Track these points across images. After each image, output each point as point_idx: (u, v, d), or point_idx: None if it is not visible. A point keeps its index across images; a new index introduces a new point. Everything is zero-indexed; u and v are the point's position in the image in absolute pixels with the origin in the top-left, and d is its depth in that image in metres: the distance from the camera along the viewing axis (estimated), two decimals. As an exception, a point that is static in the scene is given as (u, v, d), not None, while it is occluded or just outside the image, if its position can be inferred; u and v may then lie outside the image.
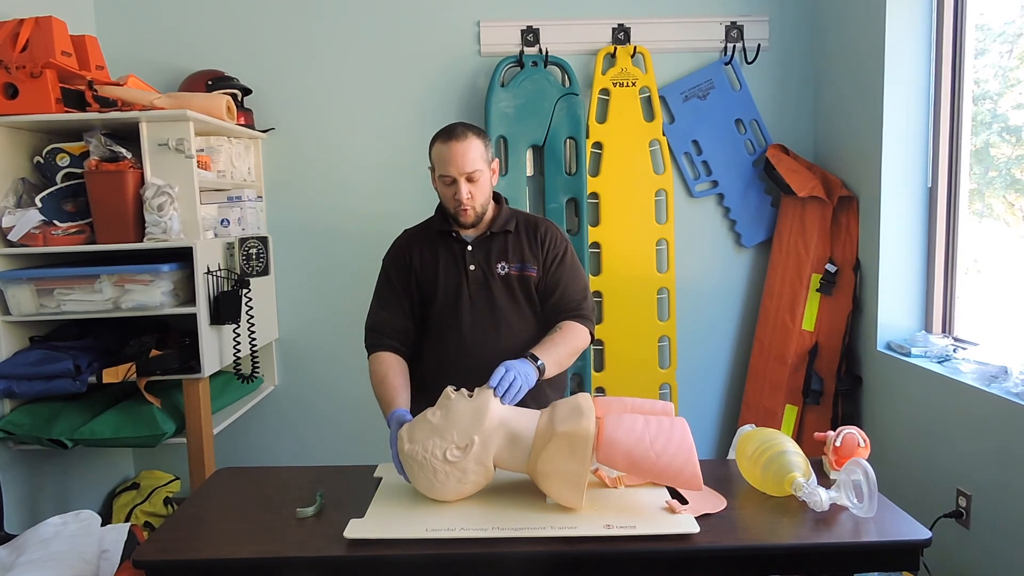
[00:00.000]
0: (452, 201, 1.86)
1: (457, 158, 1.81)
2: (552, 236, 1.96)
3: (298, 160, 2.92)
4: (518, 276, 1.91)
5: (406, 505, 1.50)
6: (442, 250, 1.93)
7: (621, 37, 2.86)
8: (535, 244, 1.94)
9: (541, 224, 1.98)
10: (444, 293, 1.90)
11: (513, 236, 1.94)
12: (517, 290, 1.91)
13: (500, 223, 1.93)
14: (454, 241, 1.93)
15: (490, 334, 1.88)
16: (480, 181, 1.84)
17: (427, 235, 1.98)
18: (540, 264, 1.92)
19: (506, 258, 1.91)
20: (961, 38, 2.38)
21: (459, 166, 1.81)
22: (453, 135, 1.83)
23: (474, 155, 1.82)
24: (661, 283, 2.91)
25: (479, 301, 1.89)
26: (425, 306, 1.94)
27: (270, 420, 3.01)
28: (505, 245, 1.92)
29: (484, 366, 1.73)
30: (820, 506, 1.43)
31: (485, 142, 1.88)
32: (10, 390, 2.15)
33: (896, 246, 2.53)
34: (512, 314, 1.90)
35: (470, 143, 1.83)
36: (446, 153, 1.82)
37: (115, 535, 1.95)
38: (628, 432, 1.46)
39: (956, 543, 2.17)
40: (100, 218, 2.21)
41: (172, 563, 1.37)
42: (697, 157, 2.94)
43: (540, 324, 1.95)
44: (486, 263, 1.90)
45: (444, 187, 1.87)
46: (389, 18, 2.87)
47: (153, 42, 2.85)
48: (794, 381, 2.80)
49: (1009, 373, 2.04)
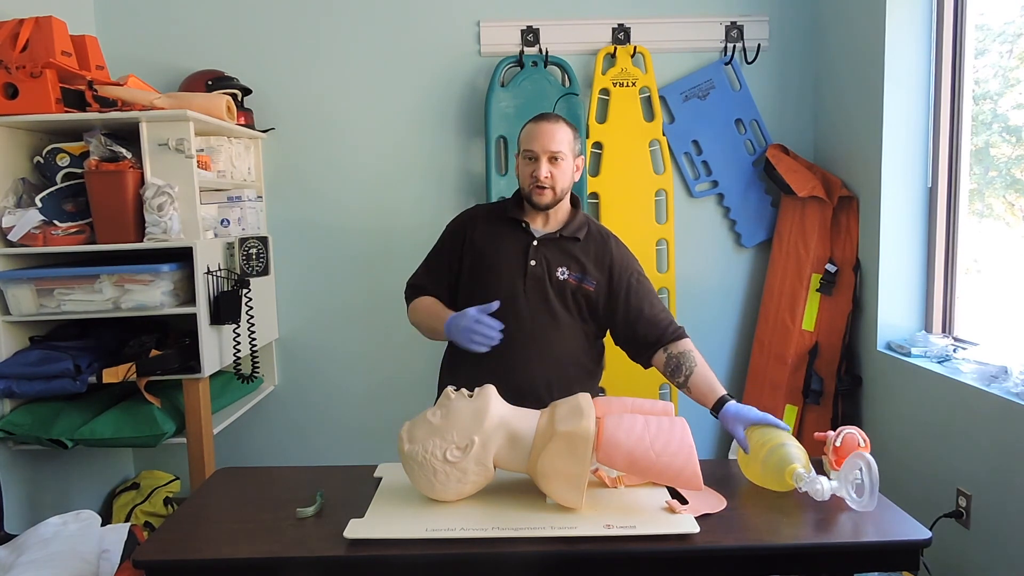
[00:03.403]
0: (529, 179, 1.86)
1: (544, 136, 1.84)
2: (622, 255, 1.95)
3: (298, 160, 2.92)
4: (576, 286, 1.90)
5: (406, 505, 1.50)
6: (507, 238, 1.93)
7: (621, 37, 2.86)
8: (602, 260, 1.92)
9: (611, 240, 1.97)
10: (500, 280, 1.89)
11: (581, 245, 1.92)
12: (569, 298, 1.90)
13: (573, 227, 1.92)
14: (522, 232, 1.92)
15: (538, 333, 1.88)
16: (562, 166, 1.86)
17: (497, 216, 1.97)
18: (605, 282, 1.91)
19: (569, 264, 1.90)
20: (961, 38, 2.38)
21: (544, 143, 1.84)
22: (545, 117, 1.90)
23: (561, 137, 1.86)
24: (661, 283, 2.91)
25: (532, 298, 1.88)
26: (475, 285, 1.92)
27: (270, 420, 3.01)
28: (571, 251, 1.91)
29: (527, 364, 1.79)
30: (822, 495, 1.43)
31: (575, 134, 1.92)
32: (10, 390, 2.15)
33: (896, 246, 2.53)
34: (561, 319, 1.90)
35: (560, 126, 1.87)
36: (535, 130, 1.87)
37: (115, 535, 1.95)
38: (628, 432, 1.46)
39: (956, 543, 2.17)
40: (100, 218, 2.21)
41: (172, 563, 1.37)
42: (697, 157, 2.95)
43: (590, 335, 1.96)
44: (548, 263, 1.90)
45: (525, 164, 1.88)
46: (389, 18, 2.87)
47: (153, 42, 2.85)
48: (794, 381, 2.80)
49: (1009, 373, 2.04)
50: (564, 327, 1.91)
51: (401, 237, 2.93)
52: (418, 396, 2.42)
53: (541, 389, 1.87)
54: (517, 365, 1.87)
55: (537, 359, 1.89)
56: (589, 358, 1.99)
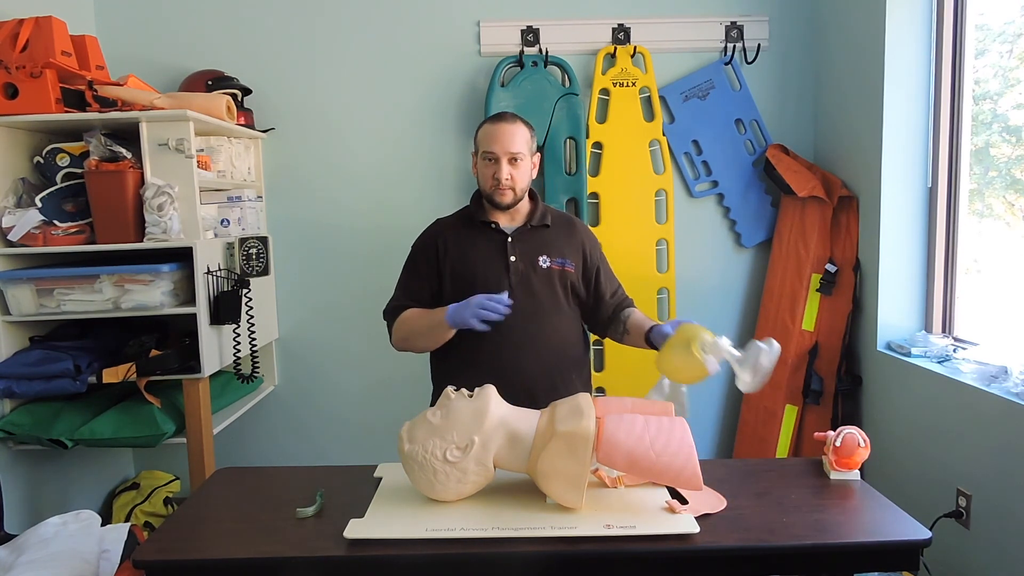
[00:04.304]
0: (491, 180, 1.89)
1: (503, 137, 1.87)
2: (589, 236, 2.05)
3: (298, 160, 2.92)
4: (559, 271, 1.94)
5: (406, 505, 1.50)
6: (480, 240, 1.95)
7: (621, 37, 2.86)
8: (573, 241, 1.99)
9: (576, 222, 2.07)
10: (483, 284, 1.90)
11: (551, 231, 1.98)
12: (557, 284, 1.94)
13: (538, 217, 1.97)
14: (493, 232, 1.94)
15: (530, 326, 1.90)
16: (521, 166, 1.90)
17: (463, 224, 1.99)
18: (580, 263, 1.98)
19: (547, 252, 1.95)
20: (961, 38, 2.38)
21: (504, 145, 1.87)
22: (502, 117, 1.92)
23: (519, 138, 1.89)
24: (661, 283, 2.91)
25: (519, 293, 1.90)
26: (458, 294, 1.91)
27: (270, 420, 3.01)
28: (545, 239, 1.96)
29: (522, 359, 1.81)
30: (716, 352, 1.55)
31: (531, 132, 1.95)
32: (10, 390, 2.15)
33: (896, 246, 2.53)
34: (551, 307, 1.94)
35: (518, 127, 1.90)
36: (493, 132, 1.89)
37: (115, 535, 1.95)
38: (628, 432, 1.46)
39: (956, 543, 2.17)
40: (100, 218, 2.21)
41: (172, 563, 1.37)
42: (697, 157, 2.94)
43: (576, 319, 2.01)
44: (528, 255, 1.93)
45: (485, 166, 1.91)
46: (389, 18, 2.87)
47: (153, 42, 2.85)
48: (794, 381, 2.80)
49: (1009, 373, 2.04)
50: (554, 316, 1.94)
51: (401, 237, 2.88)
52: (418, 396, 2.42)
53: (542, 381, 1.89)
54: (511, 360, 1.89)
55: (534, 352, 1.91)
56: (578, 345, 2.03)
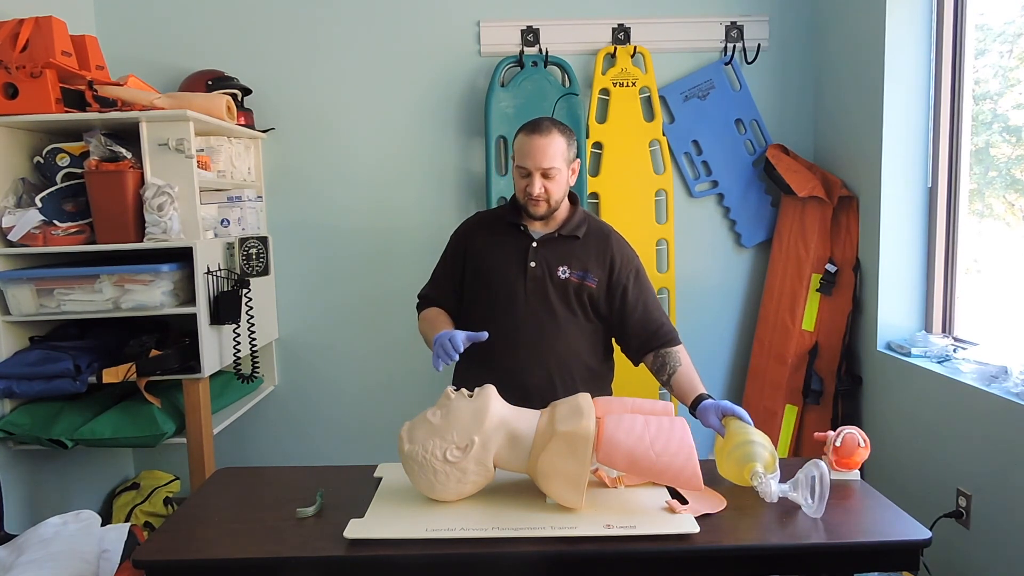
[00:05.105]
0: (524, 193, 1.86)
1: (536, 152, 1.81)
2: (622, 252, 1.95)
3: (298, 160, 2.92)
4: (578, 284, 1.90)
5: (406, 505, 1.50)
6: (507, 242, 1.93)
7: (621, 37, 2.86)
8: (602, 255, 1.92)
9: (612, 236, 1.97)
10: (501, 284, 1.90)
11: (580, 242, 1.92)
12: (572, 297, 1.90)
13: (571, 226, 1.92)
14: (521, 235, 1.92)
15: (540, 332, 1.89)
16: (556, 179, 1.84)
17: (496, 222, 1.98)
18: (605, 278, 1.91)
19: (569, 263, 1.90)
20: (961, 38, 2.38)
21: (536, 160, 1.82)
22: (537, 129, 1.84)
23: (553, 152, 1.82)
24: (661, 283, 2.91)
25: (533, 299, 1.89)
26: (477, 291, 1.93)
27: (270, 420, 3.01)
28: (571, 250, 1.91)
29: (526, 365, 1.80)
30: (770, 497, 1.44)
31: (569, 141, 1.87)
32: (10, 390, 2.15)
33: (896, 246, 2.53)
34: (564, 317, 1.90)
35: (552, 139, 1.82)
36: (527, 146, 1.83)
37: (115, 535, 1.95)
38: (628, 432, 1.46)
39: (956, 543, 2.17)
40: (100, 218, 2.21)
41: (172, 563, 1.37)
42: (697, 157, 2.95)
43: (596, 333, 1.96)
44: (548, 264, 1.90)
45: (519, 178, 1.87)
46: (389, 18, 2.87)
47: (153, 42, 2.85)
48: (794, 381, 2.80)
49: (1009, 373, 2.03)
50: (566, 327, 1.91)
51: (401, 237, 2.93)
52: (418, 396, 2.43)
53: (546, 389, 1.87)
54: (522, 367, 1.89)
55: (541, 360, 1.90)
56: (595, 357, 1.99)
